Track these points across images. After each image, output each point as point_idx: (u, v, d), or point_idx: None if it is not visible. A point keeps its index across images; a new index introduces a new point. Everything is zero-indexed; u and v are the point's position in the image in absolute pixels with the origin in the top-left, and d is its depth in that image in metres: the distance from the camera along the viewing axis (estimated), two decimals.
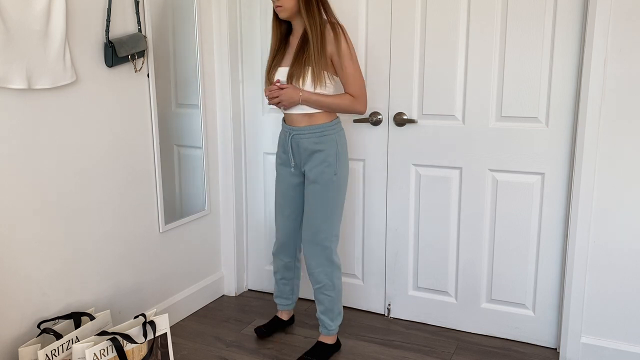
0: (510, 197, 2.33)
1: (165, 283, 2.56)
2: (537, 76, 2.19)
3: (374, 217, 2.62)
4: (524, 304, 2.40)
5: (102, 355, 1.82)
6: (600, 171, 2.10)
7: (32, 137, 1.88)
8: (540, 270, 2.33)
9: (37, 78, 1.83)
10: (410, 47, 2.39)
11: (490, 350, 2.38)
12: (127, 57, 2.17)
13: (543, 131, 2.22)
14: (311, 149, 2.15)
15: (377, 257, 2.65)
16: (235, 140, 2.81)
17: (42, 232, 1.95)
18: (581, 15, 2.08)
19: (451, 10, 2.29)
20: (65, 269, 2.05)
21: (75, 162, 2.04)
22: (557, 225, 2.27)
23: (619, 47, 1.99)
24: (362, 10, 2.45)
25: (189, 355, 2.34)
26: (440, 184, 2.45)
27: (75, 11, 1.97)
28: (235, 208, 2.87)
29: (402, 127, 2.48)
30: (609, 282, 2.16)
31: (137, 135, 2.31)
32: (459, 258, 2.48)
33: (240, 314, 2.74)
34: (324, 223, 2.18)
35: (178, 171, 2.59)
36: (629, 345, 2.17)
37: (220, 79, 2.74)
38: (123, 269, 2.31)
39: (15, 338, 1.89)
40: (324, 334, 2.31)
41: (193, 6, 2.56)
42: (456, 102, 2.35)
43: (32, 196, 1.90)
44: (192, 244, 2.71)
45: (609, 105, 2.04)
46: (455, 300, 2.53)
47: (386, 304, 2.68)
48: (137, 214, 2.35)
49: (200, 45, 2.61)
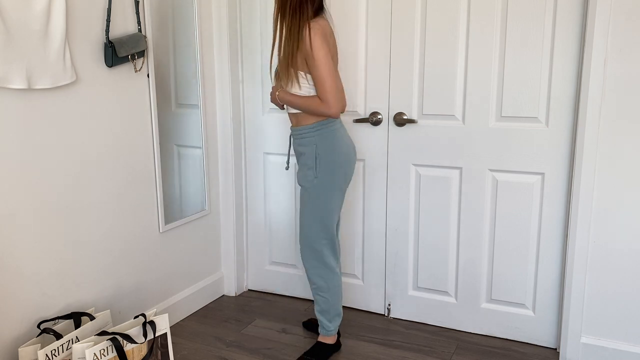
0: (510, 197, 2.33)
1: (165, 283, 2.56)
2: (537, 76, 2.19)
3: (374, 217, 2.62)
4: (524, 304, 2.40)
5: (102, 355, 1.82)
6: (600, 171, 2.10)
7: (32, 137, 1.88)
8: (540, 270, 2.33)
9: (37, 78, 1.83)
10: (410, 47, 2.39)
11: (490, 350, 2.38)
12: (127, 57, 2.17)
13: (543, 131, 2.22)
14: (298, 151, 2.17)
15: (377, 257, 2.65)
16: (235, 140, 2.81)
17: (42, 232, 1.95)
18: (581, 15, 2.08)
19: (451, 10, 2.29)
20: (65, 269, 2.05)
21: (75, 162, 2.04)
22: (557, 225, 2.27)
23: (619, 47, 1.99)
24: (362, 10, 2.45)
25: (189, 355, 2.34)
26: (440, 184, 2.45)
27: (75, 11, 1.97)
28: (235, 208, 2.87)
29: (402, 127, 2.47)
30: (609, 282, 2.16)
31: (137, 135, 2.31)
32: (459, 258, 2.48)
33: (240, 314, 2.74)
34: (309, 227, 2.17)
35: (178, 171, 2.59)
36: (629, 345, 2.17)
37: (220, 79, 2.74)
38: (123, 268, 2.31)
39: (15, 338, 1.89)
40: (323, 334, 2.31)
41: (193, 6, 2.56)
42: (456, 102, 2.35)
43: (32, 196, 1.90)
44: (192, 244, 2.71)
45: (609, 105, 2.04)
46: (455, 300, 2.53)
47: (386, 304, 2.68)
48: (137, 214, 2.35)
49: (200, 45, 2.61)
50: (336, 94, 1.99)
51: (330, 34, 2.06)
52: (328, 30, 2.04)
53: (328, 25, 2.05)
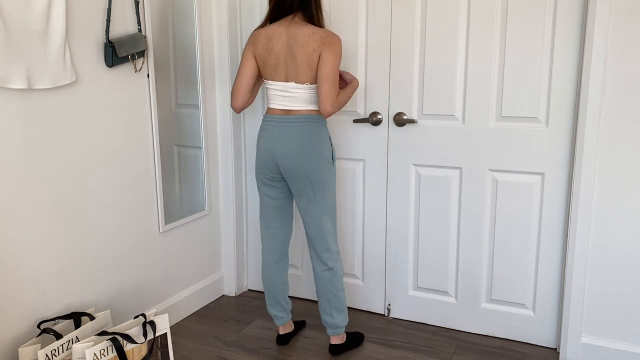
0: (510, 197, 2.33)
1: (165, 283, 2.56)
2: (537, 76, 2.19)
3: (374, 217, 2.62)
4: (524, 304, 2.40)
5: (102, 355, 1.82)
6: (600, 171, 2.10)
7: (32, 137, 1.88)
8: (540, 270, 2.33)
9: (37, 78, 1.83)
10: (410, 47, 2.39)
11: (490, 350, 2.38)
12: (127, 57, 2.17)
13: (543, 131, 2.22)
14: None
15: (377, 257, 2.65)
16: (235, 140, 2.81)
17: (42, 232, 1.95)
18: (581, 15, 2.08)
19: (451, 10, 2.29)
20: (65, 269, 2.05)
21: (75, 162, 2.04)
22: (557, 225, 2.27)
23: (619, 47, 1.99)
24: (362, 10, 2.45)
25: (189, 355, 2.34)
26: (440, 184, 2.45)
27: (75, 11, 1.97)
28: (235, 208, 2.87)
29: (402, 127, 2.47)
30: (609, 282, 2.16)
31: (137, 135, 2.31)
32: (459, 258, 2.48)
33: (240, 314, 2.74)
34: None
35: (178, 171, 2.59)
36: (629, 345, 2.17)
37: (220, 79, 2.74)
38: (123, 268, 2.31)
39: (15, 338, 1.89)
40: (339, 333, 2.33)
41: (193, 6, 2.56)
42: (456, 102, 2.35)
43: (32, 196, 1.90)
44: (192, 244, 2.71)
45: (609, 105, 2.04)
46: (455, 300, 2.53)
47: (386, 304, 2.68)
48: (137, 214, 2.35)
49: (200, 45, 2.61)
50: (231, 92, 2.23)
51: (268, 38, 2.10)
52: (262, 36, 2.12)
53: (269, 31, 2.11)
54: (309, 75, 2.07)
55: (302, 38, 2.05)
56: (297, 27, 2.07)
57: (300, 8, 2.10)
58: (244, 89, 2.19)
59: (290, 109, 2.13)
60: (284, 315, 2.40)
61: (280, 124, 2.13)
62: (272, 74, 2.12)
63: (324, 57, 2.04)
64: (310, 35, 2.05)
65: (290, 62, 2.07)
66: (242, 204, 2.92)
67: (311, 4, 2.11)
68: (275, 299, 2.35)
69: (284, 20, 2.10)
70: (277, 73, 2.11)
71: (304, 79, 2.08)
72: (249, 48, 2.16)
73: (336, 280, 2.24)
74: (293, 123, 2.12)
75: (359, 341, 2.41)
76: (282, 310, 2.38)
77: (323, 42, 2.04)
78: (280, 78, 2.11)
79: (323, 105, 2.05)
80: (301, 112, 2.12)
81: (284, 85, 2.11)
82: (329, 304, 2.25)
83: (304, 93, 2.11)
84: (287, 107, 2.13)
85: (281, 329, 2.43)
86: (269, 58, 2.10)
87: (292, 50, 2.06)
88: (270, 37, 2.10)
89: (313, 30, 2.06)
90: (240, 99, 2.20)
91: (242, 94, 2.20)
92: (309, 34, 2.05)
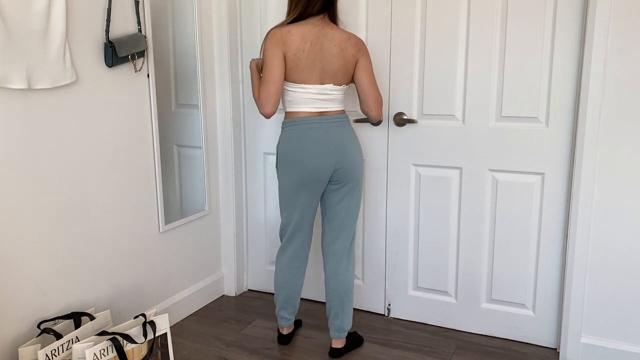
0: (510, 197, 2.33)
1: (165, 283, 2.56)
2: (537, 76, 2.19)
3: (374, 217, 2.62)
4: (524, 304, 2.40)
5: (102, 355, 1.82)
6: (600, 171, 2.10)
7: (32, 137, 1.88)
8: (540, 270, 2.33)
9: (37, 78, 1.83)
10: (410, 47, 2.39)
11: (490, 350, 2.38)
12: (127, 57, 2.17)
13: (543, 131, 2.22)
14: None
15: (377, 257, 2.65)
16: (235, 140, 2.81)
17: (42, 232, 1.95)
18: (581, 15, 2.08)
19: (451, 10, 2.29)
20: (65, 269, 2.05)
21: (75, 162, 2.04)
22: (557, 225, 2.27)
23: (619, 47, 1.99)
24: (362, 10, 2.45)
25: (189, 355, 2.34)
26: (440, 184, 2.45)
27: (75, 11, 1.97)
28: (235, 208, 2.87)
29: (402, 127, 2.47)
30: (609, 282, 2.16)
31: (137, 135, 2.31)
32: (459, 258, 2.48)
33: (240, 314, 2.74)
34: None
35: (178, 171, 2.59)
36: (629, 345, 2.17)
37: (220, 79, 2.74)
38: (123, 268, 2.31)
39: (15, 338, 1.89)
40: (343, 336, 2.33)
41: (193, 6, 2.56)
42: (456, 102, 2.35)
43: (32, 196, 1.90)
44: (192, 244, 2.71)
45: (609, 105, 2.04)
46: (455, 300, 2.53)
47: (386, 304, 2.68)
48: (137, 214, 2.35)
49: (200, 45, 2.61)
50: (262, 97, 2.04)
51: (302, 38, 2.02)
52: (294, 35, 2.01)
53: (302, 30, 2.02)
54: (346, 78, 2.13)
55: (340, 42, 2.07)
56: (331, 29, 2.08)
57: (329, 8, 2.10)
58: (279, 91, 2.04)
59: (326, 110, 2.12)
60: (293, 317, 2.40)
61: (323, 124, 2.08)
62: (306, 77, 2.04)
63: (363, 64, 2.13)
64: (347, 40, 2.09)
65: (327, 65, 2.06)
66: (242, 204, 2.92)
67: (336, 4, 2.13)
68: (290, 302, 2.33)
69: (315, 20, 2.06)
70: (311, 76, 2.05)
71: (342, 81, 2.12)
72: (278, 47, 2.01)
73: (353, 284, 2.28)
74: (337, 122, 2.14)
75: (359, 343, 2.41)
76: (292, 313, 2.37)
77: (359, 49, 2.12)
78: (314, 81, 2.06)
79: (376, 112, 2.18)
80: (337, 112, 2.15)
81: (320, 88, 2.07)
82: (342, 307, 2.25)
83: (340, 95, 2.14)
84: (323, 109, 2.11)
85: (285, 329, 2.42)
86: (304, 59, 2.02)
87: (329, 52, 2.05)
88: (304, 37, 2.02)
89: (348, 35, 2.10)
90: (275, 103, 2.03)
91: (277, 97, 2.04)
92: (345, 38, 2.08)
